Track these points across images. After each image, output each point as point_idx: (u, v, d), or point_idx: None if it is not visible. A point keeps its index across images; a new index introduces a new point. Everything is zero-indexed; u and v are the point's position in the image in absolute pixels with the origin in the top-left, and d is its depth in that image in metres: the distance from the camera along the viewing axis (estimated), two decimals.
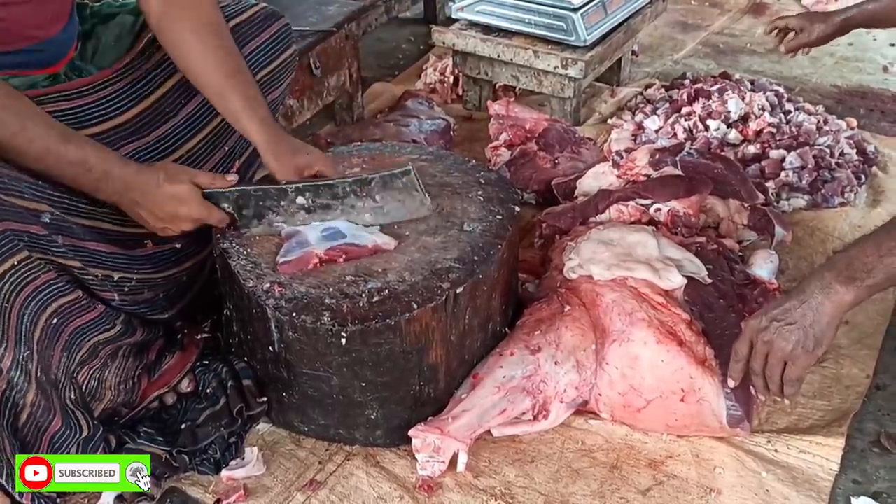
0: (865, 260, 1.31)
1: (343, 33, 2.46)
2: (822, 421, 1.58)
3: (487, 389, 1.50)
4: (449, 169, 1.76)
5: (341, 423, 1.52)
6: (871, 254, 1.31)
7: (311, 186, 1.54)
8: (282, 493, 1.46)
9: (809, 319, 1.34)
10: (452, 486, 1.46)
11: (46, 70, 1.50)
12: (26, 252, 1.27)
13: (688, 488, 1.46)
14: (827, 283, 1.33)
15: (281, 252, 1.50)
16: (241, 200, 1.51)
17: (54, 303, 1.33)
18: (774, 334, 1.36)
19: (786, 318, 1.36)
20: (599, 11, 2.48)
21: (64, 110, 1.47)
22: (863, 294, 1.33)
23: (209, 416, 1.52)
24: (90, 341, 1.42)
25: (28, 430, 1.31)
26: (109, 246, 1.44)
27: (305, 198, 1.54)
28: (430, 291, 1.44)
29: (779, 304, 1.38)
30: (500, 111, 2.39)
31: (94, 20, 1.64)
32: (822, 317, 1.33)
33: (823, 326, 1.34)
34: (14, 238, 1.25)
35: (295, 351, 1.44)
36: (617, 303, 1.56)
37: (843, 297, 1.32)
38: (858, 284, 1.32)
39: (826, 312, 1.33)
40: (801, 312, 1.34)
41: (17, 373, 1.25)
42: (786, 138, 2.30)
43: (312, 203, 1.54)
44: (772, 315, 1.37)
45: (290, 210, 1.54)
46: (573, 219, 1.93)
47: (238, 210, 1.52)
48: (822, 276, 1.35)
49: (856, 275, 1.32)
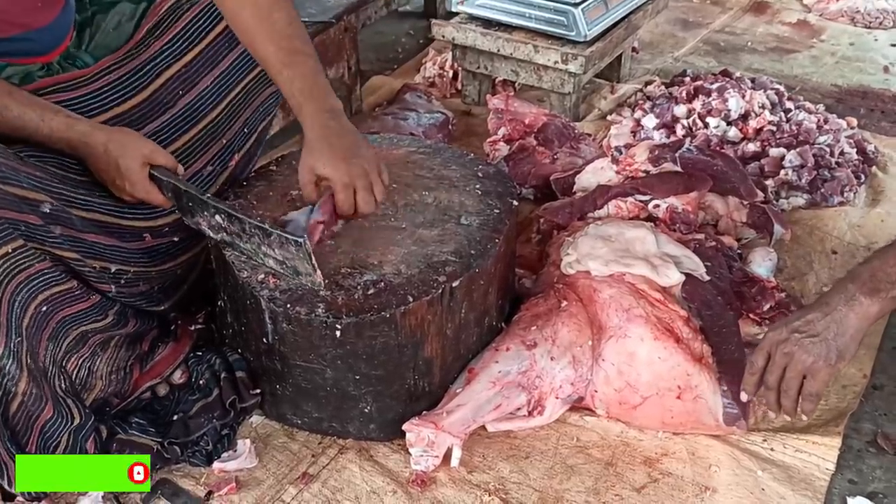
0: (889, 271, 1.29)
1: (342, 25, 2.45)
2: (818, 420, 1.57)
3: (482, 384, 1.50)
4: (447, 162, 1.75)
5: (335, 416, 1.51)
6: (894, 264, 1.29)
7: (226, 212, 1.41)
8: (274, 485, 1.45)
9: (833, 332, 1.30)
10: (446, 481, 1.45)
11: (40, 59, 1.49)
12: (21, 241, 1.26)
13: (683, 486, 1.45)
14: (851, 295, 1.30)
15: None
16: (176, 193, 1.44)
17: (46, 291, 1.33)
18: (795, 346, 1.31)
19: (808, 330, 1.31)
20: (600, 7, 2.47)
21: (60, 102, 1.45)
22: (888, 306, 1.30)
23: (202, 407, 1.51)
24: (77, 330, 1.41)
25: (19, 418, 1.30)
26: (108, 238, 1.43)
27: (222, 218, 1.42)
28: (426, 285, 1.43)
29: (800, 316, 1.34)
30: (499, 106, 2.37)
31: (94, 8, 1.63)
32: (847, 329, 1.30)
33: (847, 339, 1.30)
34: (10, 227, 1.24)
35: (289, 343, 1.43)
36: (614, 299, 1.55)
37: (867, 309, 1.29)
38: (883, 296, 1.29)
39: (850, 325, 1.30)
40: (825, 324, 1.30)
41: (9, 360, 1.25)
42: (786, 137, 2.29)
43: (227, 224, 1.42)
44: (793, 327, 1.33)
45: (212, 223, 1.44)
46: (571, 214, 1.92)
47: (176, 200, 1.45)
48: (846, 287, 1.32)
49: (880, 286, 1.29)
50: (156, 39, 1.61)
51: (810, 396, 1.34)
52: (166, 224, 1.54)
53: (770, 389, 1.37)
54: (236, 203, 1.59)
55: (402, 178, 1.69)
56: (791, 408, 1.36)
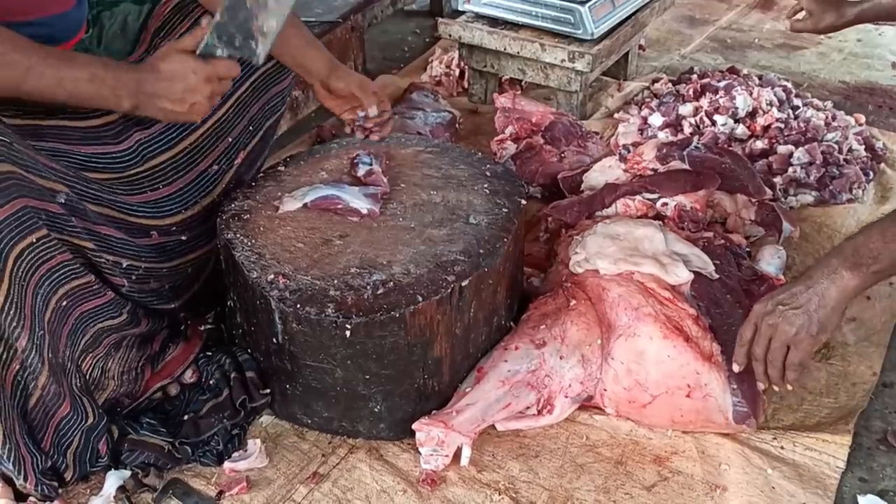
0: (871, 246, 1.33)
1: (349, 25, 2.45)
2: (828, 418, 1.57)
3: (492, 383, 1.50)
4: (455, 161, 1.75)
5: (345, 415, 1.51)
6: (876, 240, 1.33)
7: None
8: (284, 485, 1.45)
9: (815, 304, 1.35)
10: (456, 480, 1.45)
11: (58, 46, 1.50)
12: (45, 230, 1.27)
13: (693, 484, 1.45)
14: (833, 269, 1.35)
15: None
16: (221, 29, 1.38)
17: (67, 284, 1.34)
18: (779, 318, 1.37)
19: (791, 303, 1.37)
20: (607, 5, 2.46)
21: None
22: (869, 280, 1.34)
23: (212, 407, 1.52)
24: (94, 327, 1.42)
25: (37, 413, 1.31)
26: (118, 232, 1.45)
27: None
28: (434, 284, 1.43)
29: (785, 289, 1.39)
30: (505, 104, 2.37)
31: (100, 7, 1.64)
32: (828, 301, 1.34)
33: (829, 311, 1.35)
34: (33, 215, 1.25)
35: (299, 343, 1.44)
36: (623, 297, 1.55)
37: (848, 283, 1.34)
38: (864, 270, 1.33)
39: (832, 297, 1.34)
40: (807, 297, 1.36)
41: (32, 354, 1.26)
42: (794, 134, 2.28)
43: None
44: (777, 299, 1.38)
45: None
46: (579, 213, 1.92)
47: (230, 44, 1.38)
48: (829, 262, 1.36)
49: (862, 261, 1.33)
50: (162, 40, 1.61)
51: (793, 366, 1.39)
52: (173, 223, 1.56)
53: (758, 360, 1.42)
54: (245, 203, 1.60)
55: (411, 178, 1.69)
56: (777, 377, 1.41)
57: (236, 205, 1.60)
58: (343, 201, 1.59)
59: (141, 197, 1.52)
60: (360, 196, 1.59)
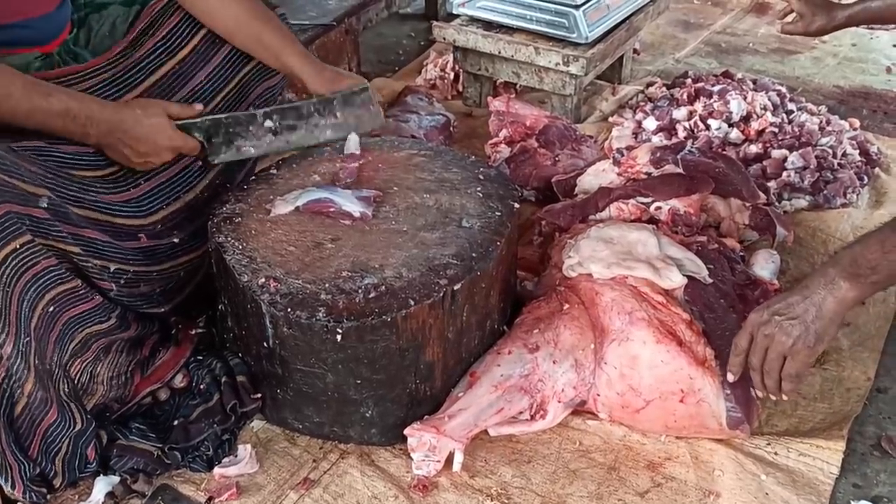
0: (870, 257, 1.31)
1: (343, 28, 2.45)
2: (822, 424, 1.56)
3: (484, 388, 1.49)
4: (448, 165, 1.74)
5: (336, 420, 1.50)
6: (875, 251, 1.31)
7: (278, 109, 1.66)
8: (275, 491, 1.44)
9: (812, 315, 1.33)
10: (448, 486, 1.44)
11: (39, 48, 1.50)
12: (29, 235, 1.26)
13: (686, 490, 1.44)
14: (831, 279, 1.33)
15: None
16: (211, 129, 1.58)
17: (53, 290, 1.33)
18: (775, 328, 1.35)
19: (788, 313, 1.35)
20: (601, 8, 2.46)
21: None
22: (867, 291, 1.33)
23: (202, 412, 1.51)
24: (82, 332, 1.41)
25: (23, 421, 1.30)
26: (103, 235, 1.44)
27: (273, 120, 1.65)
28: (427, 288, 1.42)
29: (781, 299, 1.37)
30: (500, 108, 2.37)
31: (88, 9, 1.64)
32: (825, 312, 1.33)
33: (826, 322, 1.33)
34: (17, 220, 1.24)
35: (290, 347, 1.43)
36: (616, 302, 1.54)
37: (846, 294, 1.32)
38: (862, 281, 1.31)
39: (829, 308, 1.33)
40: (804, 307, 1.34)
41: (17, 361, 1.25)
42: (788, 138, 2.28)
43: (279, 125, 1.65)
44: (774, 309, 1.37)
45: (259, 134, 1.64)
46: (573, 216, 1.91)
47: (208, 139, 1.58)
48: (826, 272, 1.34)
49: (860, 271, 1.31)
50: (149, 38, 1.62)
51: (790, 377, 1.38)
52: (157, 221, 1.56)
53: (754, 370, 1.41)
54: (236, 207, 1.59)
55: (404, 181, 1.68)
56: (774, 388, 1.40)
57: (228, 208, 1.59)
58: (335, 204, 1.58)
59: (123, 195, 1.52)
60: (352, 199, 1.59)
